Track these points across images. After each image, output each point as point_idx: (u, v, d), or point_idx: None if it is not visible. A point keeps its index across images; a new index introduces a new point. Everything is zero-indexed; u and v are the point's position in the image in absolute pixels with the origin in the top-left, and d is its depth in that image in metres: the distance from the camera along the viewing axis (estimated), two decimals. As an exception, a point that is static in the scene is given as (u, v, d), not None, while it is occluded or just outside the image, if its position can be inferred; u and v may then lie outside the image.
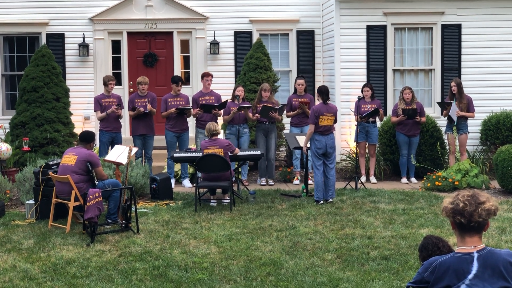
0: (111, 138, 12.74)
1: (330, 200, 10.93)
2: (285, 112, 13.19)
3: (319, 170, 10.96)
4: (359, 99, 12.93)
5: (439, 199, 11.00)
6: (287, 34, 15.84)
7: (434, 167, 13.07)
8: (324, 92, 11.15)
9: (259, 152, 11.70)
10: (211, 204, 10.96)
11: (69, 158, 9.39)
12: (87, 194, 8.76)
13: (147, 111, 12.61)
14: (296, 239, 8.56)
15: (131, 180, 11.22)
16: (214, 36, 15.50)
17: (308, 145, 11.26)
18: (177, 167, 13.11)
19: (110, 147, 12.53)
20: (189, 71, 15.81)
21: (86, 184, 9.31)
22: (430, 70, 14.74)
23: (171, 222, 9.65)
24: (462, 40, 14.59)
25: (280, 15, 15.67)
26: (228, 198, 10.92)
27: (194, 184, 11.54)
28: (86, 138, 9.64)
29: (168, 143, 12.84)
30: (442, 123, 13.52)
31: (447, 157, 13.42)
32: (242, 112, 12.61)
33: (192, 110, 12.73)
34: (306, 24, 15.74)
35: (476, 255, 3.58)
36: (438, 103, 13.85)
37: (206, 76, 13.03)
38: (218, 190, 11.27)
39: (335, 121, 11.18)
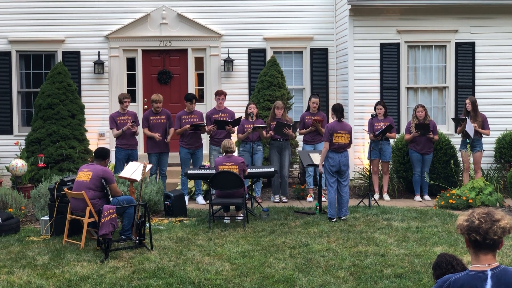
0: (127, 155, 12.81)
1: (344, 217, 10.92)
2: (298, 129, 13.21)
3: (332, 188, 10.96)
4: (373, 117, 12.94)
5: (453, 217, 10.96)
6: (301, 52, 15.90)
7: (447, 185, 13.03)
8: (339, 110, 11.18)
9: (272, 169, 11.72)
10: (224, 221, 10.98)
11: (84, 174, 9.45)
12: (102, 211, 8.80)
13: (166, 140, 12.77)
14: (310, 256, 8.55)
15: (145, 196, 11.27)
16: (228, 53, 15.59)
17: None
18: (191, 184, 13.15)
19: (126, 164, 12.59)
20: (203, 88, 15.88)
21: (101, 200, 9.36)
22: (444, 88, 14.74)
23: (184, 238, 9.67)
24: (476, 58, 14.60)
25: (294, 33, 15.74)
26: (241, 215, 10.94)
27: (208, 201, 11.55)
28: (101, 154, 9.70)
29: (182, 160, 12.88)
30: (455, 140, 13.50)
31: (461, 175, 13.37)
32: (257, 131, 12.66)
33: (206, 126, 12.78)
34: (320, 42, 15.80)
35: (490, 273, 3.58)
36: (452, 118, 13.83)
37: (218, 95, 13.06)
38: (232, 207, 11.28)
39: (351, 141, 11.18)
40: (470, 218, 3.60)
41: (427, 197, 13.08)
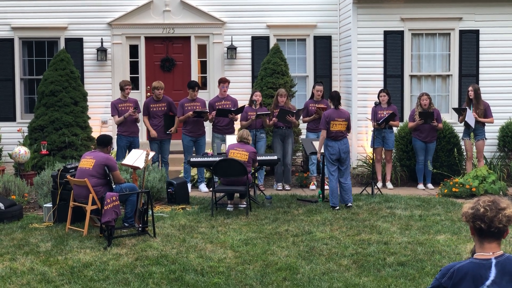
0: (129, 142, 12.79)
1: (350, 204, 10.89)
2: (301, 117, 13.19)
3: (333, 176, 10.94)
4: (376, 105, 12.89)
5: (456, 206, 10.95)
6: (304, 40, 15.85)
7: (451, 173, 13.00)
8: (336, 98, 11.17)
9: (275, 157, 11.71)
10: (227, 208, 10.98)
11: (87, 161, 9.44)
12: (105, 198, 8.80)
13: (168, 132, 12.76)
14: (312, 244, 8.55)
15: (148, 184, 11.26)
16: (231, 41, 15.54)
17: (322, 151, 11.26)
18: (194, 171, 13.14)
19: (127, 152, 12.59)
20: (206, 76, 15.85)
21: (104, 187, 9.36)
22: (448, 76, 14.68)
23: (187, 226, 9.67)
24: (480, 46, 14.53)
25: (297, 20, 15.69)
26: (244, 202, 10.94)
27: (211, 189, 11.57)
28: (104, 142, 9.69)
29: (185, 148, 12.86)
30: (459, 129, 13.46)
31: (464, 163, 13.35)
32: (260, 118, 12.64)
33: (208, 114, 12.74)
34: (323, 30, 15.75)
35: (494, 261, 3.57)
36: (453, 108, 13.79)
37: (222, 82, 13.01)
38: (236, 195, 11.28)
39: (349, 127, 11.15)
40: (476, 206, 3.59)
41: (430, 185, 13.05)
